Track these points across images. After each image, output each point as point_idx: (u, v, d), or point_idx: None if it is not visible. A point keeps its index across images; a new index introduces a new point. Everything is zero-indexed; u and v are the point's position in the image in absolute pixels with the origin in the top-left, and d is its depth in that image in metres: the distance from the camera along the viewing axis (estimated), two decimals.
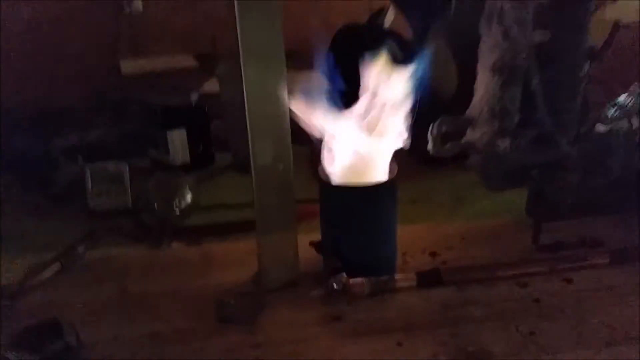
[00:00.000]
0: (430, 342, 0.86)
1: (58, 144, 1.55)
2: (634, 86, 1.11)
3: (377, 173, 0.96)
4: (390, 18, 1.65)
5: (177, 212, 1.28)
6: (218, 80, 1.55)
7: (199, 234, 1.22)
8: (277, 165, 0.92)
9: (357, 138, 0.93)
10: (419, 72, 0.91)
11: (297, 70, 0.90)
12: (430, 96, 0.93)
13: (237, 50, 0.87)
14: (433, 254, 1.08)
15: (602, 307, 0.92)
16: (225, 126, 1.54)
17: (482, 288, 0.97)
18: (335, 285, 0.92)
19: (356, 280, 0.93)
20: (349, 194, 0.95)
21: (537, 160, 1.01)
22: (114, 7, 1.77)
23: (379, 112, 0.92)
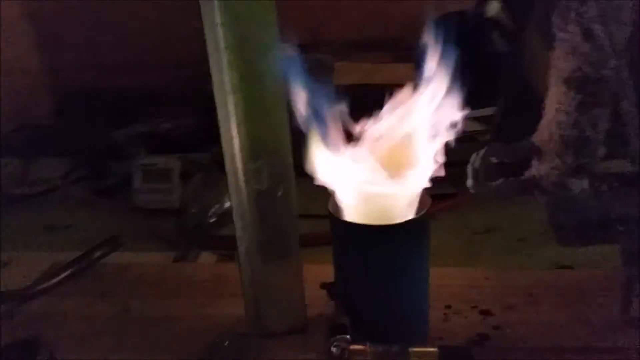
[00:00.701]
0: None
1: (124, 134, 1.50)
2: None
3: (400, 210, 0.75)
4: (495, 7, 1.42)
5: (214, 218, 1.16)
6: None
7: (232, 245, 1.10)
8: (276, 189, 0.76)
9: (371, 178, 0.72)
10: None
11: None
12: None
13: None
14: (485, 313, 0.85)
15: None
16: None
17: None
18: (334, 350, 0.74)
19: (358, 346, 0.74)
20: (363, 233, 0.75)
21: (625, 210, 0.74)
22: None
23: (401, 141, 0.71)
